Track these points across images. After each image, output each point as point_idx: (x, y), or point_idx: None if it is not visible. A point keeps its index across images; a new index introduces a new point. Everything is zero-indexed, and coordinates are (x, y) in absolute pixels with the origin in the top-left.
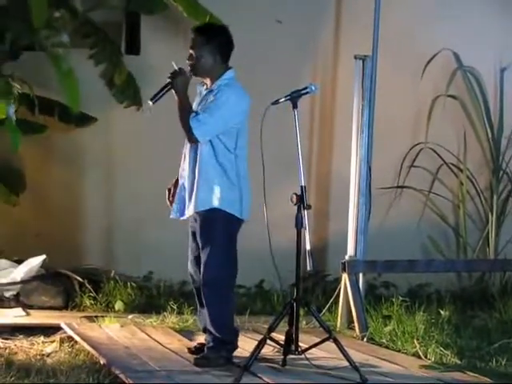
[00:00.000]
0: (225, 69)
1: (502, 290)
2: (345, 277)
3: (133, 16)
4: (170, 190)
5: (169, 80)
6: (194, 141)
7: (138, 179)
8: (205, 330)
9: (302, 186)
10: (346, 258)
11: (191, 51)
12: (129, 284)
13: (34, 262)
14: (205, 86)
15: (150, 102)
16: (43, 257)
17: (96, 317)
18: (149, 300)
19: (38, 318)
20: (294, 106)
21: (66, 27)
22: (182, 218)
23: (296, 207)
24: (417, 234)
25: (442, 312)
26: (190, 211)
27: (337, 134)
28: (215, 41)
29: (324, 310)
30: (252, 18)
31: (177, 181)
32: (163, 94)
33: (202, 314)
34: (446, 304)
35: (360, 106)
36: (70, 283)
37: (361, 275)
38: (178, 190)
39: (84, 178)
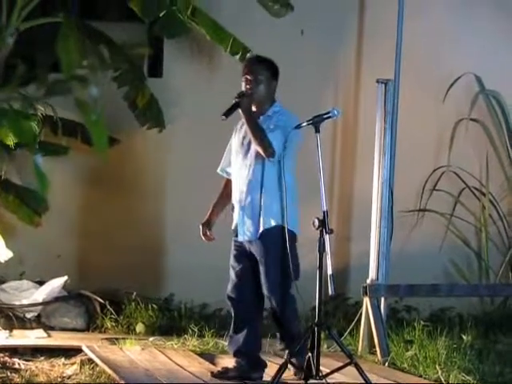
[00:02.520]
0: (273, 100)
1: None
2: (366, 300)
3: (156, 39)
4: (204, 225)
5: (236, 100)
6: (272, 155)
7: (161, 202)
8: (236, 354)
9: (324, 211)
10: (368, 281)
11: (249, 77)
12: (150, 306)
13: (56, 284)
14: (244, 124)
15: (224, 117)
16: (65, 278)
17: (117, 339)
18: (170, 322)
19: (59, 339)
20: (317, 131)
21: (96, 77)
22: (249, 240)
23: (318, 232)
24: (439, 258)
25: (464, 337)
26: (256, 231)
27: (359, 158)
28: (273, 70)
29: (345, 334)
30: (273, 45)
31: (209, 216)
32: (232, 112)
33: (233, 340)
34: (469, 329)
35: (382, 129)
36: (91, 305)
37: (382, 299)
38: (236, 215)
39: (106, 200)
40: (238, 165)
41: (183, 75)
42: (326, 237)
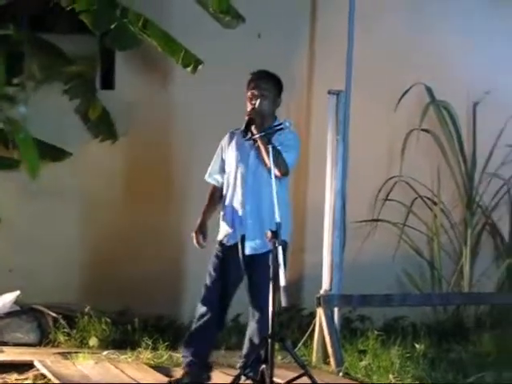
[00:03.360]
0: (274, 116)
1: (476, 323)
2: (320, 311)
3: (108, 51)
4: (197, 233)
5: (249, 116)
6: (286, 174)
7: (114, 215)
8: (190, 361)
9: (276, 223)
10: (321, 292)
11: (256, 92)
12: (103, 320)
13: (8, 298)
14: (248, 134)
15: (246, 138)
16: (17, 293)
17: (70, 353)
18: (123, 336)
19: (11, 354)
20: (269, 142)
21: (25, 96)
22: (251, 253)
23: (271, 243)
24: (392, 268)
25: (417, 346)
26: (264, 244)
27: (311, 168)
28: (280, 86)
29: (299, 345)
30: (227, 53)
31: (202, 223)
32: (249, 130)
33: (190, 344)
34: (422, 337)
35: (334, 140)
36: (44, 319)
37: (336, 309)
38: (229, 217)
39: (59, 214)
40: (243, 179)
41: (135, 87)
42: (279, 249)
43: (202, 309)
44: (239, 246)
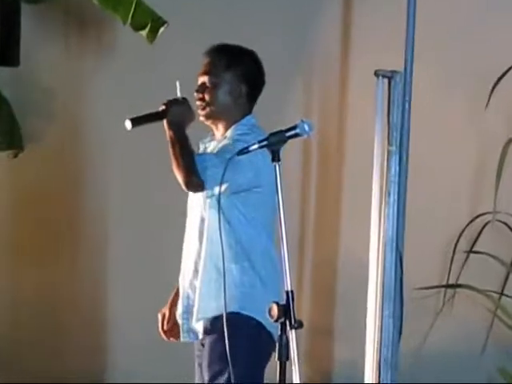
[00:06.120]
0: (247, 111)
1: None
2: None
3: (8, 4)
4: (164, 314)
5: (162, 107)
6: (196, 186)
7: None
8: None
9: (288, 292)
10: None
11: (203, 78)
12: None
13: None
14: (212, 140)
15: (129, 124)
16: None
17: None
18: None
19: None
20: (275, 158)
21: None
22: (196, 341)
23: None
24: (480, 362)
25: None
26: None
27: (345, 199)
28: (241, 66)
29: None
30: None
31: (175, 296)
32: (149, 122)
33: None
34: None
35: (385, 151)
36: None
37: None
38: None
39: None
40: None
41: (54, 65)
42: (292, 334)
43: None
44: None
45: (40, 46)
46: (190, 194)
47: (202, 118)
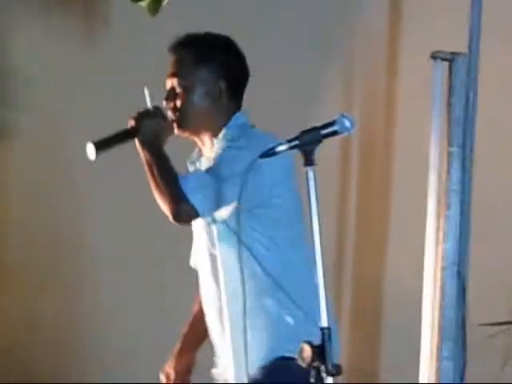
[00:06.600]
0: (232, 110)
1: None
2: None
3: None
4: (168, 374)
5: (131, 124)
6: (187, 215)
7: None
8: None
9: (322, 329)
10: None
11: (171, 81)
12: None
13: None
14: (201, 157)
15: (92, 150)
16: None
17: None
18: None
19: None
20: (308, 162)
21: None
22: None
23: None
24: None
25: None
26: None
27: (394, 209)
28: (215, 58)
29: None
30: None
31: (180, 351)
32: (117, 144)
33: None
34: None
35: (444, 153)
36: None
37: None
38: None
39: None
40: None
41: (34, 45)
42: (328, 380)
43: None
44: None
45: (15, 24)
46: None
47: (177, 132)
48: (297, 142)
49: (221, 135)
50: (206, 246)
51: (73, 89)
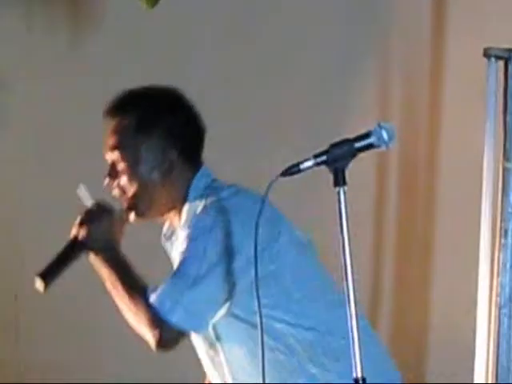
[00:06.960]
0: (192, 172)
1: None
2: None
3: None
4: None
5: (73, 234)
6: (172, 340)
7: None
8: None
9: (356, 380)
10: None
11: (111, 156)
12: None
13: None
14: (173, 231)
15: (40, 283)
16: None
17: None
18: None
19: None
20: (338, 181)
21: None
22: None
23: None
24: None
25: None
26: None
27: (439, 235)
28: (162, 121)
29: None
30: None
31: None
32: (66, 264)
33: None
34: None
35: (499, 168)
36: None
37: None
38: None
39: None
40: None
41: (19, 40)
42: None
43: None
44: None
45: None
46: None
47: (131, 219)
48: (325, 158)
49: (188, 204)
50: (204, 349)
51: (58, 92)
